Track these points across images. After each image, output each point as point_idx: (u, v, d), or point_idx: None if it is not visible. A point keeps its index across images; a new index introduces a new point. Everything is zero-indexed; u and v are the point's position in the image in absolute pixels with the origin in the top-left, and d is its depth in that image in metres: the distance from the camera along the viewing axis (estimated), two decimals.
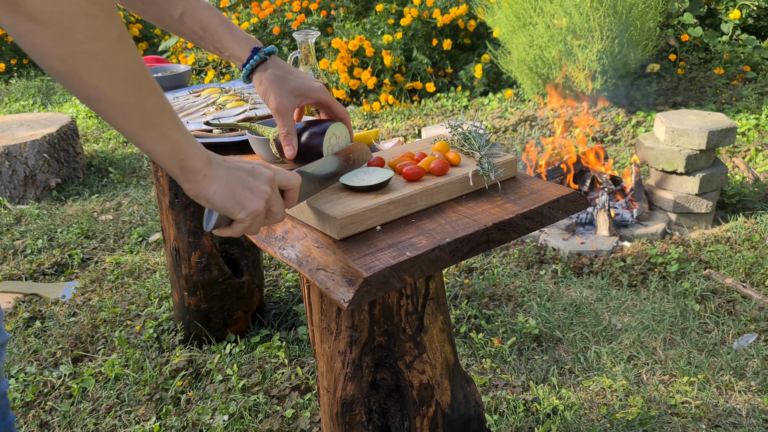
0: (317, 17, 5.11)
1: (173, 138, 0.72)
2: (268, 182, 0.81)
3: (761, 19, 5.10)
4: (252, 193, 0.79)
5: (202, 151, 0.76)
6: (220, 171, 0.78)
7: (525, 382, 1.96)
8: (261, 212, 0.80)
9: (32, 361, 2.14)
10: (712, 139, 2.84)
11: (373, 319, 1.00)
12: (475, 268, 2.65)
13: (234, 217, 0.79)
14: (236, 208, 0.78)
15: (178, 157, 0.73)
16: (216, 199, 0.77)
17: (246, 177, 0.80)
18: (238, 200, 0.78)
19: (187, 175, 0.75)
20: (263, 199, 0.80)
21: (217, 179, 0.77)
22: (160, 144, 0.72)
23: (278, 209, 0.84)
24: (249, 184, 0.80)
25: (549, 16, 3.86)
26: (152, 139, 0.71)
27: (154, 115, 0.70)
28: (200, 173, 0.76)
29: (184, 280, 2.08)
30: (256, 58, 1.05)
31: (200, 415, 1.85)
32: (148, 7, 1.06)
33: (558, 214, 1.00)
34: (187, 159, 0.74)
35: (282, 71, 1.06)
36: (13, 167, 3.48)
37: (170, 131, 0.72)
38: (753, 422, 1.78)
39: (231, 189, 0.78)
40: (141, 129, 0.70)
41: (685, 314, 2.27)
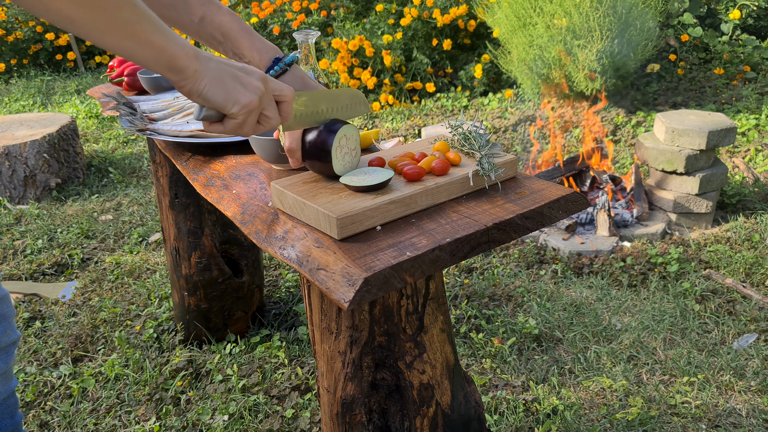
0: (317, 17, 5.11)
1: (156, 42, 0.73)
2: (260, 79, 0.81)
3: (761, 19, 5.10)
4: (244, 87, 0.80)
5: (188, 48, 0.76)
6: (208, 64, 0.78)
7: (525, 382, 1.96)
8: (254, 107, 0.81)
9: (32, 361, 2.14)
10: (712, 139, 2.84)
11: (373, 319, 1.00)
12: (475, 268, 2.65)
13: (227, 111, 0.80)
14: (229, 101, 0.79)
15: (164, 60, 0.74)
16: (208, 92, 0.78)
17: (237, 72, 0.80)
18: (230, 93, 0.79)
19: (176, 74, 0.76)
20: (256, 94, 0.80)
21: (207, 73, 0.78)
22: (143, 51, 0.73)
23: (272, 114, 0.84)
24: (241, 79, 0.80)
25: (549, 16, 3.86)
26: (134, 48, 0.72)
27: (128, 26, 0.70)
28: (189, 69, 0.76)
29: (184, 280, 2.08)
30: (277, 68, 1.05)
31: (200, 415, 1.85)
32: (167, 11, 1.06)
33: (558, 214, 1.00)
34: (174, 60, 0.75)
35: (300, 84, 1.06)
36: (13, 167, 3.48)
37: (150, 37, 0.72)
38: (753, 422, 1.78)
39: (222, 82, 0.79)
40: (119, 41, 0.71)
41: (685, 314, 2.27)
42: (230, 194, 1.14)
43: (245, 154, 1.30)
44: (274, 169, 1.22)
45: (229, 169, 1.24)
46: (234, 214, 1.09)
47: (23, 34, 6.38)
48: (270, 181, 1.15)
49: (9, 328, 1.28)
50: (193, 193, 1.99)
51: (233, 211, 1.10)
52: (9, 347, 1.29)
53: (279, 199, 1.02)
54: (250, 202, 1.09)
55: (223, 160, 1.29)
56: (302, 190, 1.00)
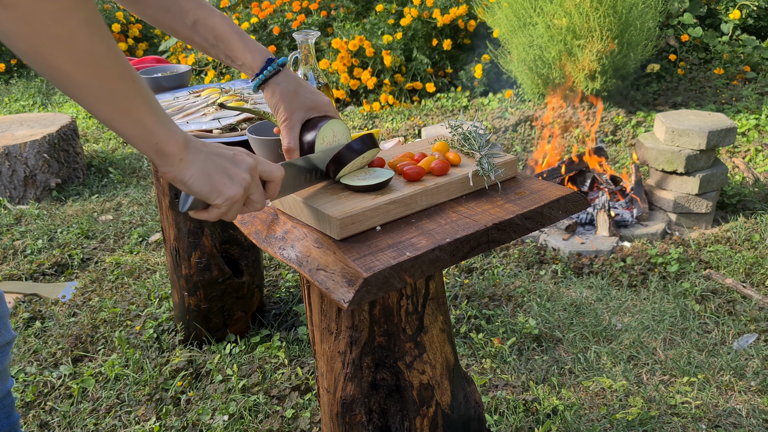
0: (317, 17, 5.11)
1: (146, 123, 0.72)
2: (248, 170, 0.81)
3: (761, 19, 5.10)
4: (230, 179, 0.80)
5: (178, 135, 0.76)
6: (197, 156, 0.78)
7: (525, 382, 1.95)
8: (238, 199, 0.81)
9: (32, 361, 2.14)
10: (712, 139, 2.84)
11: (373, 320, 1.00)
12: (475, 269, 2.65)
13: (211, 202, 0.80)
14: (213, 193, 0.79)
15: (151, 141, 0.74)
16: (193, 184, 0.78)
17: (225, 163, 0.80)
18: (215, 186, 0.79)
19: (162, 159, 0.75)
20: (241, 186, 0.80)
21: (194, 164, 0.77)
22: (133, 128, 0.72)
23: (257, 198, 0.84)
24: (228, 171, 0.80)
25: (549, 16, 3.86)
26: (123, 123, 0.71)
27: (124, 100, 0.70)
28: (176, 158, 0.76)
29: (184, 280, 2.08)
30: (270, 69, 1.05)
31: (200, 415, 1.85)
32: (160, 15, 1.06)
33: (558, 214, 1.00)
34: (162, 144, 0.74)
35: (294, 84, 1.06)
36: (13, 167, 3.48)
37: (143, 116, 0.72)
38: (753, 422, 1.78)
39: (209, 175, 0.78)
40: (111, 113, 0.70)
41: (685, 314, 2.27)
42: None
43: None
44: None
45: None
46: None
47: None
48: None
49: (4, 328, 1.28)
50: None
51: None
52: (4, 347, 1.29)
53: (279, 199, 1.02)
54: None
55: None
56: (302, 190, 1.00)
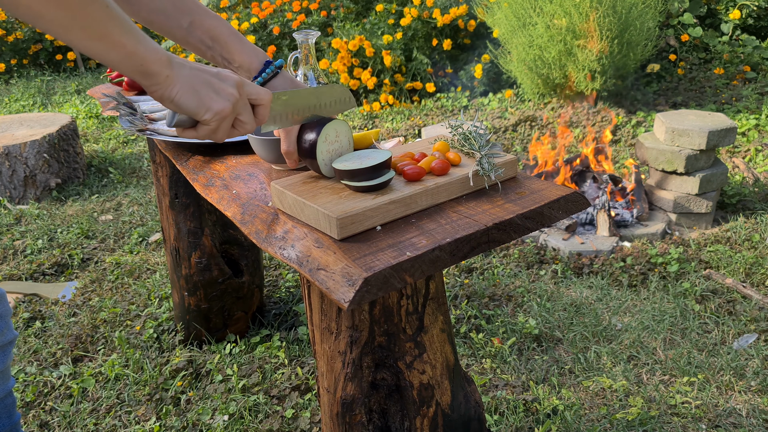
0: (317, 17, 5.11)
1: (126, 45, 0.72)
2: (235, 86, 0.81)
3: (761, 19, 5.10)
4: (217, 94, 0.80)
5: (160, 53, 0.76)
6: (182, 70, 0.78)
7: (525, 382, 1.96)
8: (227, 114, 0.80)
9: (32, 361, 2.14)
10: (712, 139, 2.84)
11: (373, 319, 1.00)
12: (475, 268, 2.65)
13: (199, 118, 0.80)
14: (201, 108, 0.79)
15: (134, 63, 0.74)
16: (180, 99, 0.78)
17: (211, 78, 0.80)
18: (202, 100, 0.79)
19: (148, 78, 0.76)
20: (229, 101, 0.80)
21: (179, 79, 0.77)
22: (112, 52, 0.72)
23: (247, 119, 0.84)
24: (214, 86, 0.80)
25: (549, 16, 3.86)
26: (101, 48, 0.71)
27: (97, 26, 0.70)
28: (161, 75, 0.76)
29: (184, 280, 2.08)
30: (268, 71, 1.05)
31: (200, 415, 1.85)
32: (155, 17, 1.05)
33: (558, 214, 1.00)
34: (145, 64, 0.74)
35: (289, 86, 1.07)
36: (13, 167, 3.48)
37: (120, 38, 0.72)
38: (753, 422, 1.78)
39: (195, 89, 0.78)
40: (87, 40, 0.70)
41: (685, 314, 2.27)
42: (230, 194, 1.14)
43: (245, 154, 1.31)
44: (274, 169, 1.22)
45: (229, 169, 1.24)
46: (234, 214, 1.09)
47: (23, 34, 6.38)
48: (270, 181, 1.15)
49: (6, 328, 1.28)
50: (193, 193, 1.99)
51: (233, 211, 1.10)
52: (6, 347, 1.29)
53: (279, 199, 1.02)
54: (250, 202, 1.09)
55: (223, 160, 1.29)
56: (302, 190, 1.00)
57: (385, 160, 0.98)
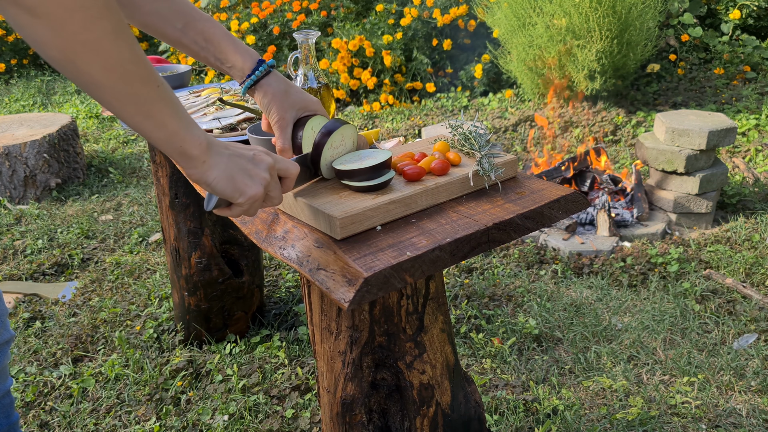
0: (317, 17, 5.11)
1: (170, 126, 0.75)
2: (267, 169, 0.85)
3: (761, 19, 5.10)
4: (251, 179, 0.83)
5: (202, 139, 0.79)
6: (220, 158, 0.81)
7: (525, 382, 1.95)
8: (259, 197, 0.84)
9: (32, 361, 2.14)
10: (712, 139, 2.84)
11: (373, 319, 1.00)
12: (475, 268, 2.65)
13: (234, 201, 0.84)
14: (236, 193, 0.82)
15: (176, 144, 0.77)
16: (216, 185, 0.81)
17: (246, 164, 0.84)
18: (237, 186, 0.82)
19: (186, 161, 0.79)
20: (262, 185, 0.84)
21: (217, 166, 0.81)
22: (157, 131, 0.75)
23: (276, 194, 0.88)
24: (249, 171, 0.83)
25: (548, 17, 3.86)
26: (148, 126, 0.75)
27: (149, 104, 0.73)
28: (199, 160, 0.79)
29: (184, 280, 2.08)
30: (262, 70, 1.06)
31: (200, 415, 1.85)
32: (150, 19, 1.06)
33: (558, 214, 1.00)
34: (185, 146, 0.78)
35: (284, 85, 1.08)
36: (13, 167, 3.48)
37: (166, 119, 0.75)
38: (753, 422, 1.78)
39: (231, 176, 0.82)
40: (136, 116, 0.73)
41: (685, 314, 2.27)
42: None
43: None
44: None
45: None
46: None
47: None
48: None
49: (2, 327, 1.27)
50: (193, 193, 1.99)
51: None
52: (3, 346, 1.28)
53: None
54: None
55: None
56: (302, 190, 1.00)
57: (385, 160, 0.98)
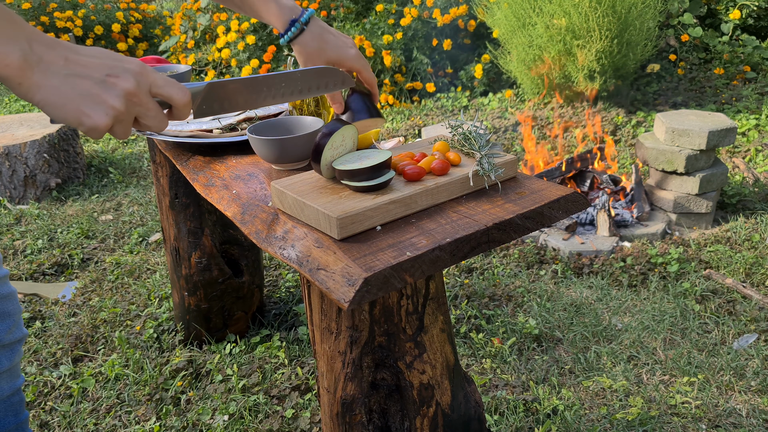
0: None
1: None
2: (121, 96, 0.72)
3: (761, 19, 5.10)
4: (95, 107, 0.70)
5: (12, 57, 0.67)
6: (50, 79, 0.69)
7: (525, 382, 1.96)
8: (104, 129, 0.71)
9: (32, 361, 2.14)
10: (712, 139, 2.84)
11: (373, 319, 1.00)
12: (475, 268, 2.65)
13: (73, 126, 0.74)
14: (73, 122, 0.70)
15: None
16: (45, 109, 0.70)
17: (91, 87, 0.70)
18: (72, 114, 0.70)
19: (4, 81, 0.68)
20: (108, 115, 0.71)
21: (44, 88, 0.69)
22: None
23: (151, 122, 0.76)
24: (94, 96, 0.70)
25: (548, 16, 3.86)
26: None
27: None
28: (13, 81, 0.68)
29: (184, 280, 2.08)
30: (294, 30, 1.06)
31: (200, 415, 1.85)
32: None
33: (558, 214, 1.00)
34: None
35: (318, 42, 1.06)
36: (13, 167, 3.48)
37: None
38: (753, 422, 1.78)
39: (63, 100, 0.69)
40: None
41: (685, 314, 2.27)
42: (230, 194, 1.14)
43: (245, 155, 1.31)
44: (274, 169, 1.22)
45: (229, 169, 1.24)
46: (234, 214, 1.09)
47: None
48: (270, 181, 1.15)
49: (14, 326, 1.28)
50: (193, 193, 1.99)
51: (233, 211, 1.10)
52: (14, 344, 1.29)
53: (279, 199, 1.02)
54: (250, 202, 1.09)
55: (224, 160, 1.29)
56: (302, 190, 1.00)
57: (385, 160, 0.98)
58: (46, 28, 6.50)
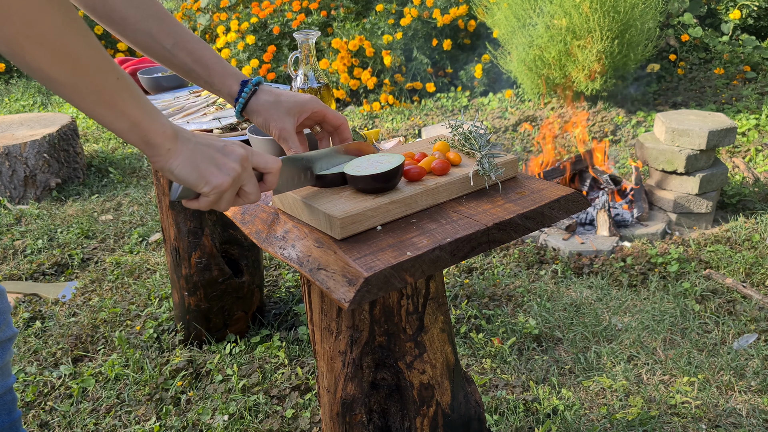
0: (317, 17, 5.11)
1: (132, 115, 0.74)
2: (238, 161, 0.82)
3: (761, 19, 5.10)
4: (219, 169, 0.81)
5: (166, 127, 0.78)
6: (185, 146, 0.80)
7: (525, 382, 1.96)
8: (226, 188, 0.82)
9: (32, 361, 2.14)
10: (712, 139, 2.84)
11: (373, 319, 1.00)
12: (475, 268, 2.65)
13: (198, 190, 0.81)
14: (200, 182, 0.80)
15: (139, 133, 0.76)
16: (179, 172, 0.79)
17: (214, 153, 0.82)
18: (202, 174, 0.80)
19: (150, 149, 0.77)
20: (230, 176, 0.81)
21: (181, 153, 0.79)
22: (119, 121, 0.74)
23: (251, 189, 0.85)
24: (216, 161, 0.81)
25: (549, 17, 3.86)
26: (109, 116, 0.73)
27: (107, 94, 0.72)
28: (163, 147, 0.78)
29: (184, 280, 2.08)
30: (247, 90, 1.04)
31: (200, 415, 1.85)
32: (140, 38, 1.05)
33: (558, 214, 1.00)
34: (149, 135, 0.76)
35: (273, 96, 1.05)
36: (13, 167, 3.48)
37: (128, 109, 0.74)
38: (753, 422, 1.78)
39: (196, 164, 0.80)
40: (96, 107, 0.72)
41: (685, 314, 2.27)
42: None
43: None
44: None
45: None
46: (234, 214, 1.09)
47: None
48: None
49: (4, 324, 1.27)
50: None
51: (233, 211, 1.10)
52: (5, 343, 1.29)
53: (279, 199, 1.02)
54: None
55: None
56: (302, 190, 1.00)
57: (398, 165, 0.96)
58: None
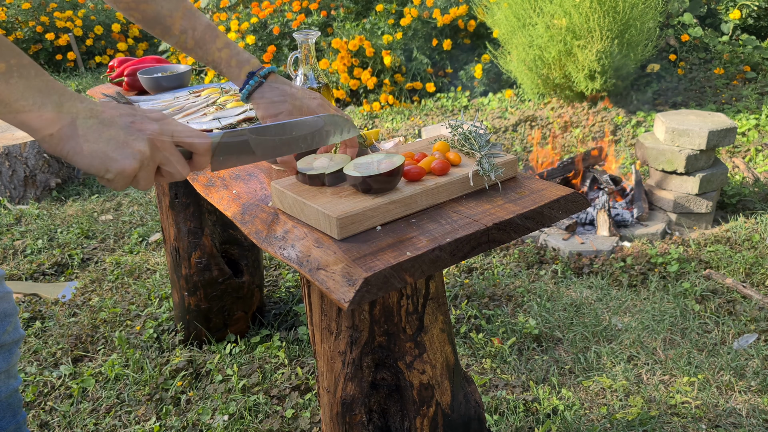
0: (317, 17, 5.11)
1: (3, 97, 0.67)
2: (146, 141, 0.74)
3: (761, 19, 5.10)
4: (121, 152, 0.72)
5: (46, 109, 0.70)
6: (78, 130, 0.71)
7: (525, 382, 1.96)
8: (130, 174, 0.73)
9: (32, 361, 2.14)
10: (712, 139, 2.84)
11: (373, 319, 1.00)
12: (475, 268, 2.65)
13: (100, 176, 0.74)
14: (100, 168, 0.72)
15: (12, 117, 0.68)
16: (75, 159, 0.72)
17: (118, 133, 0.73)
18: (101, 161, 0.72)
19: (31, 133, 0.70)
20: (135, 159, 0.73)
21: (73, 138, 0.71)
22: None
23: (173, 169, 0.78)
24: (120, 142, 0.73)
25: (549, 17, 3.86)
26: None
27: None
28: (44, 132, 0.70)
29: (184, 280, 2.08)
30: (252, 83, 1.03)
31: (200, 415, 1.85)
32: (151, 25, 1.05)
33: (558, 214, 1.00)
34: (22, 116, 0.68)
35: (279, 95, 1.02)
36: (13, 167, 3.48)
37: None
38: (753, 422, 1.78)
39: (93, 149, 0.72)
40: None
41: (685, 314, 2.27)
42: (230, 194, 1.14)
43: None
44: (274, 169, 1.22)
45: (229, 169, 1.24)
46: (234, 214, 1.09)
47: (23, 34, 6.38)
48: (270, 181, 1.15)
49: (11, 326, 1.27)
50: (193, 193, 1.99)
51: (233, 211, 1.10)
52: (11, 346, 1.29)
53: (279, 199, 1.02)
54: (250, 202, 1.09)
55: None
56: (302, 190, 1.00)
57: (399, 166, 0.96)
58: (46, 28, 6.51)
